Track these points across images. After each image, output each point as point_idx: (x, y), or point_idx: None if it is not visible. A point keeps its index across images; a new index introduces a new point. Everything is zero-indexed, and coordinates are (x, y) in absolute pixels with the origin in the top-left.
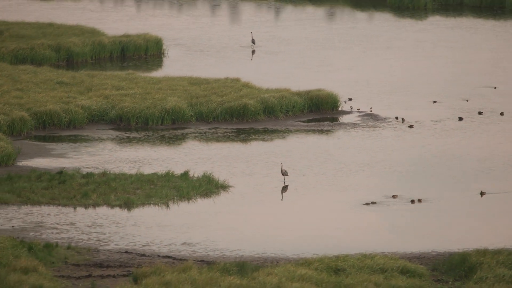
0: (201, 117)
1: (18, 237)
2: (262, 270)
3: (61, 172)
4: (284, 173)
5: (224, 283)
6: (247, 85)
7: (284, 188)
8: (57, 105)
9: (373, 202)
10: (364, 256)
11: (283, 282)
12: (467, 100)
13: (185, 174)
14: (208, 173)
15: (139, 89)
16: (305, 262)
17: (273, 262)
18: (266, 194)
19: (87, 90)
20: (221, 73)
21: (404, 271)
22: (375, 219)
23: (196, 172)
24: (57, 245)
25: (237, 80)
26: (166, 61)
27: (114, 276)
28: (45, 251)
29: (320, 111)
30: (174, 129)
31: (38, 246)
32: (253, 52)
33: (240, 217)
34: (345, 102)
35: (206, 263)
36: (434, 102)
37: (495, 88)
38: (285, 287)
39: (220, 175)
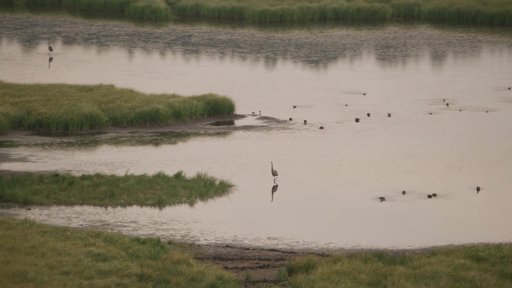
0: (116, 122)
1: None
2: (415, 260)
3: (57, 175)
4: (274, 173)
5: (397, 272)
6: (131, 91)
7: (275, 188)
8: None
9: (382, 198)
10: (488, 245)
11: (454, 271)
12: (346, 105)
13: (179, 175)
14: (202, 174)
15: (36, 96)
16: (440, 252)
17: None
18: (277, 192)
19: None
20: (54, 80)
21: None
22: (413, 213)
23: (182, 172)
24: (159, 241)
25: (112, 86)
26: None
27: (251, 268)
28: (157, 246)
29: (218, 114)
30: (98, 133)
31: (152, 242)
32: (51, 59)
33: (287, 212)
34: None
35: (320, 255)
36: (294, 107)
37: (364, 94)
38: (460, 275)
39: (211, 176)
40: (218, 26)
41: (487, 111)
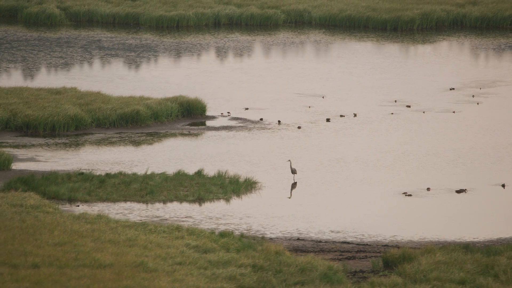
0: (99, 123)
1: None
2: (508, 251)
3: (82, 173)
4: (294, 171)
5: (500, 262)
6: (99, 93)
7: (295, 185)
8: None
9: (407, 193)
10: None
11: None
12: (309, 107)
13: (199, 173)
14: (223, 171)
15: (13, 98)
16: None
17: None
18: (304, 188)
19: None
20: None
21: None
22: (454, 208)
23: (195, 170)
24: (233, 234)
25: (75, 88)
26: None
27: (339, 259)
28: (234, 239)
29: (191, 115)
30: (85, 134)
31: (231, 235)
32: None
33: (328, 207)
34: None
35: (394, 247)
36: (246, 109)
37: (323, 97)
38: None
39: (232, 173)
40: (119, 31)
41: (454, 112)
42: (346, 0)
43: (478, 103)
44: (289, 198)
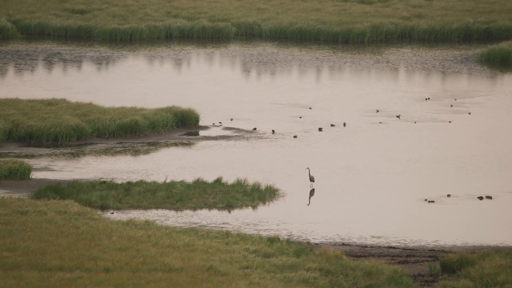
0: (99, 134)
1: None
2: None
3: (104, 182)
4: (312, 179)
5: None
6: (90, 104)
7: (312, 192)
8: None
9: (428, 200)
10: None
11: None
12: (300, 117)
13: (218, 181)
14: (242, 179)
15: (10, 110)
16: None
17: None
18: (326, 195)
19: None
20: None
21: None
22: (482, 213)
23: (209, 178)
24: (279, 239)
25: (65, 100)
26: None
27: (392, 264)
28: (286, 244)
29: (185, 125)
30: (89, 144)
31: (281, 240)
32: None
33: (359, 213)
34: None
35: (441, 251)
36: (231, 119)
37: (310, 108)
38: None
39: (252, 181)
40: (74, 44)
41: (450, 121)
42: (295, 13)
43: (470, 113)
44: (308, 205)
